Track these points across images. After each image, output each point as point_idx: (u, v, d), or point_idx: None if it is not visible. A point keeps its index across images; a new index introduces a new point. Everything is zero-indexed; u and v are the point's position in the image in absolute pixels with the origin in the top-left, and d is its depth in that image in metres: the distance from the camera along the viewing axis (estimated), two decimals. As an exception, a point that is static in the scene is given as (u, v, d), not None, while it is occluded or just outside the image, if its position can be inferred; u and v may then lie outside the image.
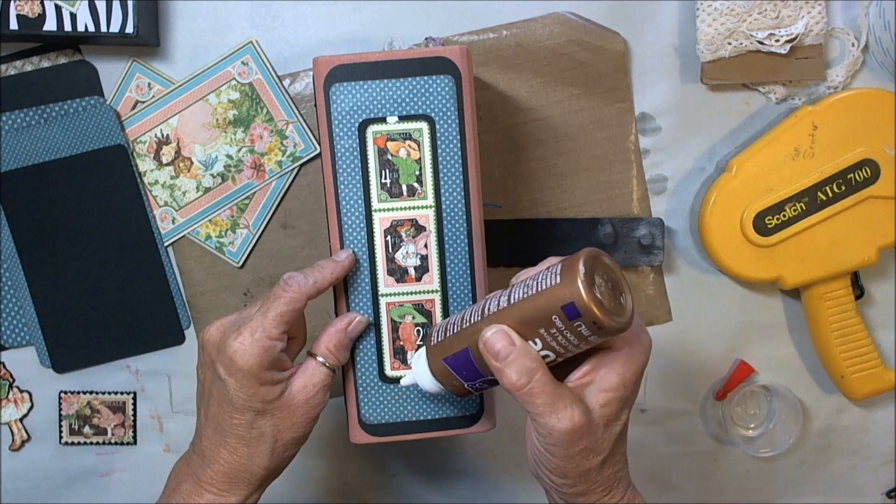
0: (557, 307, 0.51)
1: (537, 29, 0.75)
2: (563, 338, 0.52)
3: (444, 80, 0.62)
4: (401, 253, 0.63)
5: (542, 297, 0.52)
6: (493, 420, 0.65)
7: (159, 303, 0.78)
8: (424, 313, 0.63)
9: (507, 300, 0.54)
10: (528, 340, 0.53)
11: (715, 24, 0.73)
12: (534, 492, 0.81)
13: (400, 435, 0.64)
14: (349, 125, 0.62)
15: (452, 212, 0.63)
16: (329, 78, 0.62)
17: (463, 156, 0.62)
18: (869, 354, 0.78)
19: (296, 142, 0.76)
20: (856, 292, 0.78)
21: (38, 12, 0.70)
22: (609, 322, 0.50)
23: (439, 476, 0.82)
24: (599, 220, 0.77)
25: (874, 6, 0.75)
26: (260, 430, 0.58)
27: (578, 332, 0.51)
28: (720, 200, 0.75)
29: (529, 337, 0.53)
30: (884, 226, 0.75)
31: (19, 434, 0.80)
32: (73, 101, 0.75)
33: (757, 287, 0.80)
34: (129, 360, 0.79)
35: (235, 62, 0.75)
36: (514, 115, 0.76)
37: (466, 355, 0.56)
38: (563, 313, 0.50)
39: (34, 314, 0.77)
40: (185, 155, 0.76)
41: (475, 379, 0.57)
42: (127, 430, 0.80)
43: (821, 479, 0.83)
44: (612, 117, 0.77)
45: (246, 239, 0.77)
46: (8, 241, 0.76)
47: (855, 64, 0.76)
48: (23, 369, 0.79)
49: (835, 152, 0.74)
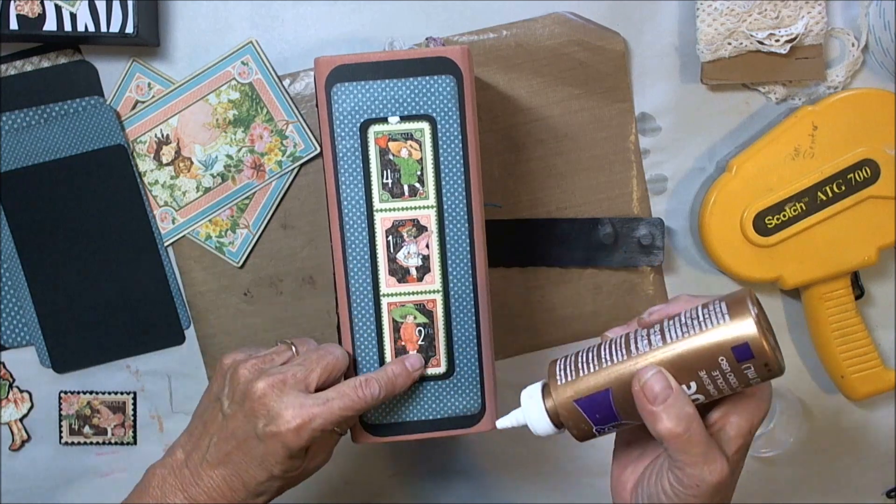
0: (727, 348, 0.48)
1: (537, 29, 0.75)
2: (723, 381, 0.49)
3: (445, 80, 0.62)
4: (402, 253, 0.63)
5: (707, 337, 0.49)
6: (494, 420, 0.65)
7: (159, 303, 0.78)
8: (426, 313, 0.63)
9: (661, 338, 0.51)
10: (682, 384, 0.50)
11: (715, 24, 0.73)
12: (534, 492, 0.81)
13: (400, 435, 0.64)
14: (350, 125, 0.62)
15: (454, 212, 0.63)
16: (330, 78, 0.62)
17: (464, 156, 0.62)
18: (869, 354, 0.78)
19: (296, 142, 0.76)
20: (856, 292, 0.78)
21: (38, 12, 0.70)
22: (780, 365, 0.48)
23: (439, 476, 0.82)
24: (599, 220, 0.77)
25: (874, 6, 0.75)
26: (270, 484, 0.60)
27: (744, 374, 0.49)
28: (720, 200, 0.75)
29: (685, 380, 0.50)
30: (884, 226, 0.75)
31: (19, 434, 0.80)
32: (73, 101, 0.75)
33: (757, 287, 0.80)
34: (129, 360, 0.79)
35: (235, 62, 0.75)
36: (514, 115, 0.76)
37: (606, 397, 0.52)
38: (733, 354, 0.48)
39: (34, 314, 0.77)
40: (185, 155, 0.76)
41: (608, 423, 0.53)
42: (127, 430, 0.80)
43: (821, 479, 0.83)
44: (612, 117, 0.77)
45: (246, 239, 0.77)
46: (8, 241, 0.76)
47: (855, 64, 0.76)
48: (23, 369, 0.79)
49: (835, 152, 0.74)
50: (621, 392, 0.51)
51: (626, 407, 0.52)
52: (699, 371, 0.49)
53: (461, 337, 0.64)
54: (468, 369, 0.64)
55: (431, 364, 0.64)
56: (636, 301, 0.79)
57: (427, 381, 0.64)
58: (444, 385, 0.64)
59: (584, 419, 0.53)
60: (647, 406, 0.50)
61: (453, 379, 0.64)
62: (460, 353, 0.64)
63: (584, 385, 0.53)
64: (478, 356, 0.64)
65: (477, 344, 0.64)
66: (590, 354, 0.54)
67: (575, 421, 0.53)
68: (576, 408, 0.53)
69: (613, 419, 0.53)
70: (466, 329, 0.64)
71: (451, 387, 0.64)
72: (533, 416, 0.55)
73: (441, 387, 0.64)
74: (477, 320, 0.64)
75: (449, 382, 0.64)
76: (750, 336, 0.48)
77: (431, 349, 0.64)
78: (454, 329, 0.64)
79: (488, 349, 0.64)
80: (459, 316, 0.64)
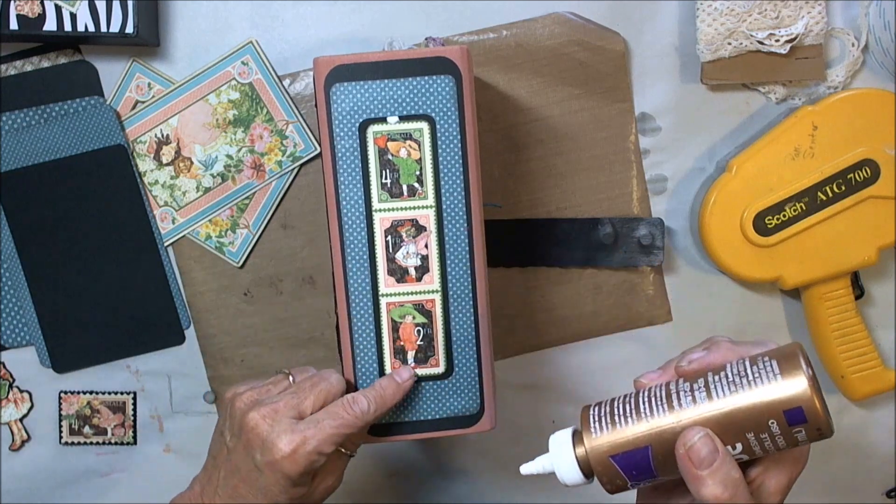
0: (779, 411, 0.46)
1: (537, 29, 0.75)
2: (770, 443, 0.47)
3: (444, 80, 0.62)
4: (401, 253, 0.63)
5: (757, 398, 0.47)
6: (493, 420, 0.65)
7: (159, 303, 0.78)
8: (425, 313, 0.63)
9: (707, 394, 0.48)
10: (727, 444, 0.48)
11: (715, 24, 0.73)
12: (533, 492, 0.81)
13: (400, 435, 0.64)
14: (350, 125, 0.62)
15: (453, 212, 0.63)
16: (329, 78, 0.62)
17: (463, 156, 0.62)
18: (869, 354, 0.78)
19: (296, 142, 0.76)
20: (856, 292, 0.78)
21: (38, 12, 0.70)
22: (831, 428, 0.46)
23: (439, 476, 0.82)
24: (599, 220, 0.77)
25: (874, 6, 0.75)
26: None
27: (793, 437, 0.47)
28: (720, 200, 0.75)
29: (731, 441, 0.48)
30: (884, 226, 0.75)
31: (19, 434, 0.80)
32: (73, 101, 0.75)
33: (757, 287, 0.80)
34: (129, 360, 0.79)
35: (235, 62, 0.75)
36: (514, 115, 0.76)
37: (645, 455, 0.49)
38: (785, 418, 0.46)
39: (34, 314, 0.77)
40: (185, 155, 0.76)
41: (644, 479, 0.51)
42: (127, 430, 0.80)
43: (821, 479, 0.83)
44: (612, 117, 0.77)
45: (246, 239, 0.77)
46: (8, 241, 0.76)
47: (855, 64, 0.76)
48: (23, 369, 0.79)
49: (835, 152, 0.74)
50: (662, 450, 0.49)
51: (665, 465, 0.49)
52: (747, 433, 0.47)
53: (460, 337, 0.64)
54: (467, 369, 0.64)
55: (430, 364, 0.64)
56: (636, 301, 0.79)
57: (426, 381, 0.64)
58: (442, 385, 0.64)
59: (619, 475, 0.51)
60: (691, 470, 0.48)
61: (452, 379, 0.64)
62: (459, 354, 0.64)
63: (621, 439, 0.50)
64: (477, 356, 0.64)
65: (476, 344, 0.64)
66: (627, 405, 0.51)
67: (610, 476, 0.51)
68: (612, 463, 0.50)
69: (650, 476, 0.50)
70: (465, 329, 0.64)
71: (450, 387, 0.64)
72: (563, 465, 0.52)
73: (440, 387, 0.64)
74: (476, 320, 0.64)
75: (448, 382, 0.64)
76: (804, 400, 0.46)
77: (430, 349, 0.64)
78: (453, 329, 0.64)
79: (487, 349, 0.64)
80: (458, 316, 0.64)
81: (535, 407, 0.80)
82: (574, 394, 0.80)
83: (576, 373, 0.80)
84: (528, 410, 0.80)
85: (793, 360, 0.47)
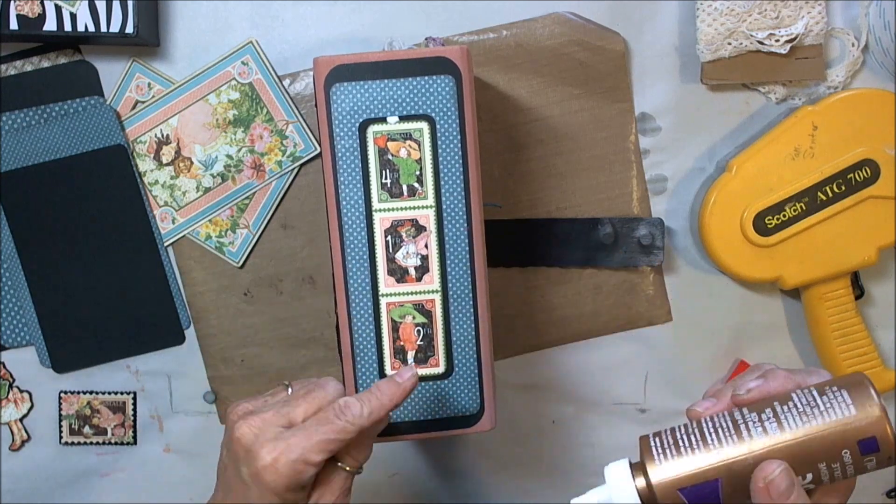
0: (853, 441, 0.46)
1: (537, 29, 0.75)
2: (840, 472, 0.47)
3: (444, 80, 0.62)
4: (401, 253, 0.63)
5: (831, 428, 0.46)
6: (493, 420, 0.65)
7: (159, 303, 0.78)
8: (425, 313, 0.63)
9: (778, 425, 0.48)
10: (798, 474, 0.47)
11: (715, 24, 0.73)
12: (533, 492, 0.81)
13: (400, 435, 0.64)
14: (349, 125, 0.62)
15: (453, 212, 0.63)
16: (329, 78, 0.62)
17: (463, 156, 0.62)
18: (869, 354, 0.78)
19: (296, 142, 0.76)
20: (856, 292, 0.78)
21: (38, 12, 0.70)
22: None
23: (439, 476, 0.82)
24: (599, 220, 0.77)
25: (874, 6, 0.75)
26: None
27: (863, 466, 0.47)
28: (720, 200, 0.75)
29: (802, 471, 0.47)
30: (884, 226, 0.75)
31: (19, 434, 0.80)
32: (73, 101, 0.75)
33: (757, 287, 0.80)
34: (129, 360, 0.79)
35: (235, 62, 0.75)
36: (514, 115, 0.76)
37: (715, 488, 0.48)
38: (858, 448, 0.46)
39: (34, 314, 0.77)
40: (185, 155, 0.76)
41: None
42: (127, 430, 0.80)
43: (821, 479, 0.83)
44: (612, 117, 0.77)
45: (246, 239, 0.77)
46: (8, 241, 0.76)
47: (855, 64, 0.76)
48: (23, 369, 0.79)
49: (835, 152, 0.74)
50: (732, 482, 0.48)
51: (733, 496, 0.48)
52: (819, 462, 0.47)
53: (460, 337, 0.64)
54: (467, 369, 0.64)
55: (430, 364, 0.64)
56: (636, 301, 0.79)
57: (426, 381, 0.64)
58: (443, 385, 0.64)
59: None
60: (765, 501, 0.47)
61: (452, 379, 0.64)
62: (459, 353, 0.64)
63: (689, 472, 0.49)
64: (477, 356, 0.64)
65: (476, 344, 0.64)
66: (692, 436, 0.50)
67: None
68: (679, 496, 0.49)
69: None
70: (465, 329, 0.64)
71: (450, 387, 0.64)
72: (623, 498, 0.50)
73: (440, 387, 0.64)
74: (476, 320, 0.64)
75: (448, 382, 0.64)
76: (878, 430, 0.46)
77: (430, 349, 0.64)
78: (453, 329, 0.64)
79: (487, 349, 0.64)
80: (458, 316, 0.64)
81: (535, 407, 0.80)
82: (574, 394, 0.80)
83: (576, 373, 0.80)
84: (528, 410, 0.80)
85: (863, 390, 0.47)
